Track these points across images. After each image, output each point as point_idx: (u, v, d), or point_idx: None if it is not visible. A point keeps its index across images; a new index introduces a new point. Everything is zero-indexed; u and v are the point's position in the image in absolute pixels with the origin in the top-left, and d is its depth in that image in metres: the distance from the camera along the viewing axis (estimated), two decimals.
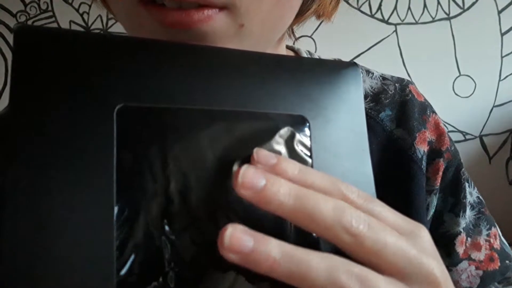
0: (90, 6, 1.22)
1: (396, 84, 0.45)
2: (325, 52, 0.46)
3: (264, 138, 0.25)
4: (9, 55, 1.25)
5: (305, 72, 0.27)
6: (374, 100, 0.43)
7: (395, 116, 0.43)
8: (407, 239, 0.23)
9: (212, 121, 0.24)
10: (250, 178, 0.21)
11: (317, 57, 0.45)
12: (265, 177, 0.21)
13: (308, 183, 0.23)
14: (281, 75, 0.26)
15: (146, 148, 0.22)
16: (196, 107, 0.24)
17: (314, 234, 0.24)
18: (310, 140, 0.26)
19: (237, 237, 0.20)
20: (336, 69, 0.28)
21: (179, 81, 0.24)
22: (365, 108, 0.42)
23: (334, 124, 0.26)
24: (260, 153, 0.23)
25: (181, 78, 0.24)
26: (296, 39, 0.41)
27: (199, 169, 0.22)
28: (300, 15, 0.33)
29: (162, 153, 0.22)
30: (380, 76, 0.46)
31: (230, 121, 0.24)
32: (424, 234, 0.25)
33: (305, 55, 0.44)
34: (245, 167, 0.21)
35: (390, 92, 0.44)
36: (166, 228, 0.21)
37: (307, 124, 0.26)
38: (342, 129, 0.27)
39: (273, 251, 0.20)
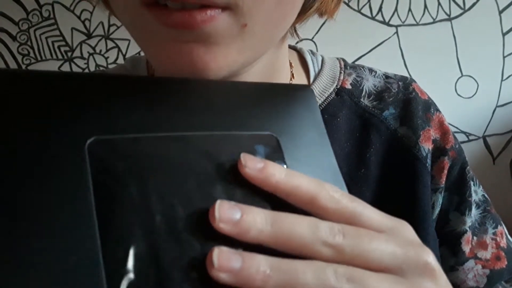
0: (91, 13, 1.23)
1: (399, 83, 0.45)
2: (327, 55, 0.46)
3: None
4: (11, 63, 1.26)
5: (264, 95, 0.29)
6: (377, 98, 0.43)
7: (399, 114, 0.43)
8: (387, 235, 0.24)
9: (187, 145, 0.24)
10: (226, 212, 0.22)
11: (320, 57, 0.45)
12: (240, 208, 0.22)
13: (295, 185, 0.24)
14: (243, 100, 0.28)
15: (124, 179, 0.22)
16: (167, 134, 0.24)
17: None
18: (283, 154, 0.27)
19: (225, 257, 0.20)
20: (291, 91, 0.31)
21: (147, 111, 0.25)
22: (369, 107, 0.43)
23: (299, 139, 0.28)
24: (246, 157, 0.24)
25: (149, 109, 0.25)
26: (299, 40, 0.41)
27: (182, 195, 0.22)
28: (303, 14, 0.34)
29: (142, 183, 0.22)
30: (383, 74, 0.46)
31: (204, 144, 0.25)
32: (406, 228, 0.25)
33: (307, 54, 0.45)
34: (218, 202, 0.22)
35: (394, 90, 0.44)
36: (157, 261, 0.20)
37: (277, 141, 0.27)
38: (307, 143, 0.28)
39: (263, 265, 0.21)
